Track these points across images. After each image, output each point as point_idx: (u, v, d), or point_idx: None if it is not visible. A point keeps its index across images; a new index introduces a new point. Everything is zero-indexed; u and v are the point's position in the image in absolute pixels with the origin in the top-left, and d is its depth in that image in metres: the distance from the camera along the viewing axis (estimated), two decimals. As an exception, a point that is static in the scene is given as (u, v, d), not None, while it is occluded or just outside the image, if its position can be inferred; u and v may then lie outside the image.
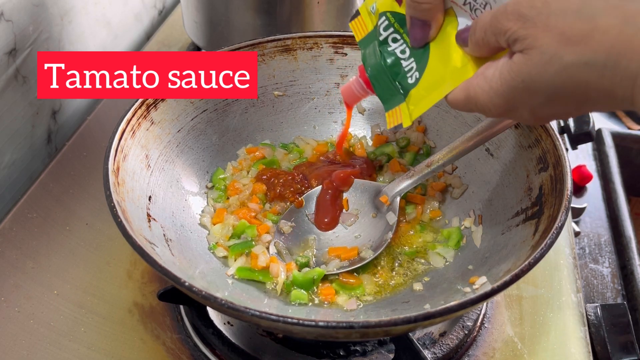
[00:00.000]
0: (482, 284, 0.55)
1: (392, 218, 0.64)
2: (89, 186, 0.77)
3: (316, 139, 0.75)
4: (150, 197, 0.59)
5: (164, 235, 0.57)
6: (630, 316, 0.68)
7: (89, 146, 0.84)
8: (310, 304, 0.58)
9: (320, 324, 0.42)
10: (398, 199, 0.65)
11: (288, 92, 0.74)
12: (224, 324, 0.61)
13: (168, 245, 0.56)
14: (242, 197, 0.67)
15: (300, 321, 0.42)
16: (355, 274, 0.61)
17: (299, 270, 0.60)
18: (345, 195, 0.68)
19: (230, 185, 0.68)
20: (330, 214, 0.66)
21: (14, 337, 0.60)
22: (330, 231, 0.65)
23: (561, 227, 0.50)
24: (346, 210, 0.67)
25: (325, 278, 0.60)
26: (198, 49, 1.02)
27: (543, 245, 0.48)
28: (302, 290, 0.58)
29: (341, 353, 0.59)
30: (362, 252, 0.62)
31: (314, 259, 0.63)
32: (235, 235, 0.63)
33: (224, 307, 0.44)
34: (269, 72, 0.72)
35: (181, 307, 0.63)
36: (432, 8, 0.47)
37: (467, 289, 0.55)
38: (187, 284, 0.45)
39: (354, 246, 0.63)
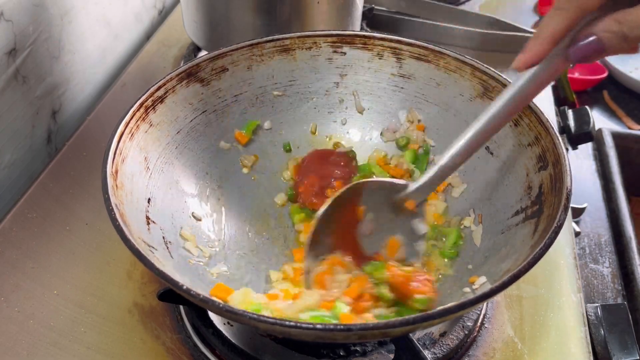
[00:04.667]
0: (481, 284, 0.55)
1: (421, 227, 0.59)
2: (89, 186, 0.77)
3: (316, 139, 0.75)
4: (149, 200, 0.59)
5: (163, 237, 0.57)
6: (630, 316, 0.68)
7: (89, 146, 0.84)
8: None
9: (318, 326, 0.42)
10: (426, 203, 0.60)
11: (287, 92, 0.74)
12: (224, 324, 0.61)
13: (167, 248, 0.56)
14: None
15: (298, 324, 0.42)
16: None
17: None
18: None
19: None
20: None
21: (14, 337, 0.60)
22: None
23: (560, 226, 0.49)
24: (360, 221, 0.62)
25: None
26: (198, 49, 1.02)
27: (542, 244, 0.48)
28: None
29: (341, 353, 0.59)
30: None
31: None
32: None
33: (222, 310, 0.44)
34: (268, 72, 0.72)
35: (181, 307, 0.64)
36: None
37: (467, 289, 0.55)
38: (185, 287, 0.45)
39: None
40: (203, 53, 0.96)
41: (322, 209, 0.60)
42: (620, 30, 0.42)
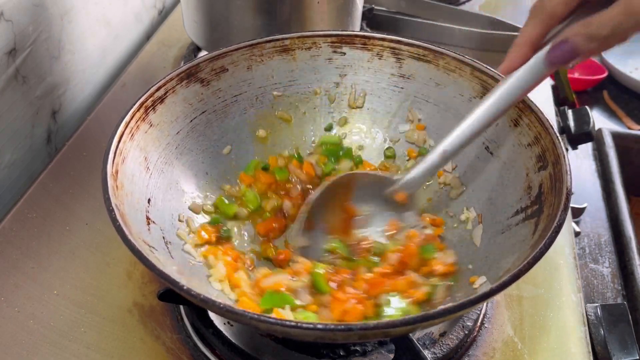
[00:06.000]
0: (481, 283, 0.55)
1: (412, 220, 0.62)
2: (89, 186, 0.77)
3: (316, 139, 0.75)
4: (149, 200, 0.59)
5: (163, 237, 0.57)
6: (630, 316, 0.68)
7: (89, 146, 0.84)
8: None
9: (319, 326, 0.42)
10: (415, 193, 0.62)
11: (287, 92, 0.74)
12: (224, 324, 0.61)
13: (167, 248, 0.56)
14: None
15: (299, 324, 0.42)
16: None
17: None
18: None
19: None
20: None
21: (14, 337, 0.60)
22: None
23: (560, 226, 0.49)
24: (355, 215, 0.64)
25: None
26: (198, 49, 1.02)
27: (542, 244, 0.48)
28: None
29: (341, 353, 0.59)
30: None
31: None
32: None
33: (222, 311, 0.44)
34: (267, 73, 0.72)
35: (181, 307, 0.64)
36: None
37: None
38: (185, 287, 0.45)
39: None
40: (203, 53, 0.96)
41: (313, 196, 0.63)
42: (588, 32, 0.47)
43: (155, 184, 0.61)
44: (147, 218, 0.57)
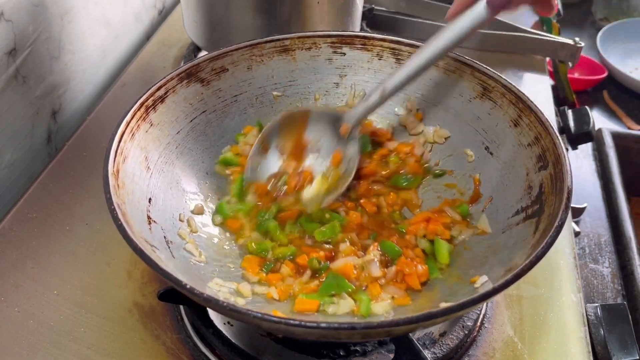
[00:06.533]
0: (482, 283, 0.55)
1: (353, 150, 0.67)
2: (89, 186, 0.77)
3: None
4: (150, 199, 0.59)
5: (165, 237, 0.57)
6: (630, 316, 0.68)
7: (89, 146, 0.84)
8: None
9: (322, 325, 0.42)
10: (358, 128, 0.67)
11: (287, 92, 0.74)
12: (224, 324, 0.61)
13: (169, 247, 0.56)
14: None
15: (302, 323, 0.42)
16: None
17: None
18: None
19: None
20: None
21: (14, 337, 0.60)
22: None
23: (561, 226, 0.50)
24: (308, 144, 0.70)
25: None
26: (198, 49, 1.02)
27: (544, 244, 0.48)
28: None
29: (341, 353, 0.59)
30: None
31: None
32: None
33: (226, 310, 0.44)
34: (267, 73, 0.72)
35: (181, 307, 0.64)
36: None
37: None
38: (188, 286, 0.45)
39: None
40: (203, 53, 0.96)
41: (269, 124, 0.69)
42: None
43: (155, 183, 0.61)
44: (148, 217, 0.57)
